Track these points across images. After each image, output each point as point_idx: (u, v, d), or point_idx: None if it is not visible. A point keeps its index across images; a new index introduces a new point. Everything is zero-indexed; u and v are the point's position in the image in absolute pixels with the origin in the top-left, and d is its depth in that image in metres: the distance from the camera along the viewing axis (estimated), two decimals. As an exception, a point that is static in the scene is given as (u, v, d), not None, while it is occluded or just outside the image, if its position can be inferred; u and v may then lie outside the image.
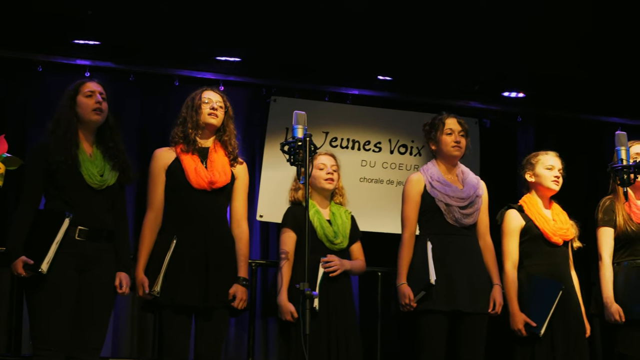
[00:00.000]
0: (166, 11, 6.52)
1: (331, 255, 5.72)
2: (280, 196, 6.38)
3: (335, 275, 5.70)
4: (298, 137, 4.95)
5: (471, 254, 5.76)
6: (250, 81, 7.80)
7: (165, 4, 6.41)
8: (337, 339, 5.65)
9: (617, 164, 5.22)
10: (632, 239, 6.00)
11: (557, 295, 5.75)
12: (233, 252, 5.48)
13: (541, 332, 5.72)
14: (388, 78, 7.93)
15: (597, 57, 7.45)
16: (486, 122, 8.26)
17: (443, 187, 5.76)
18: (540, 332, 5.72)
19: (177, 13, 6.57)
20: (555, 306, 5.75)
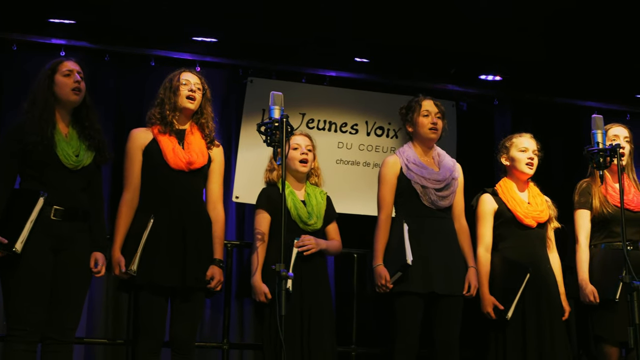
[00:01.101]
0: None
1: (306, 235, 5.72)
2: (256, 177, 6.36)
3: (309, 254, 5.69)
4: (275, 118, 4.94)
5: (446, 236, 5.78)
6: (226, 62, 7.75)
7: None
8: (311, 321, 5.65)
9: (594, 148, 5.25)
10: (608, 221, 6.03)
11: (524, 279, 5.76)
12: (210, 234, 5.48)
13: (508, 315, 5.74)
14: (365, 60, 7.91)
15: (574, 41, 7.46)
16: (463, 105, 8.25)
17: (419, 169, 5.76)
18: (508, 315, 5.74)
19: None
20: (522, 289, 5.77)
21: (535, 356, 5.71)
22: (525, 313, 5.78)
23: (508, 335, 5.77)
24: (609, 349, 5.90)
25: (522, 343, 5.75)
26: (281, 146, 4.90)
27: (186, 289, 5.30)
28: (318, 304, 5.71)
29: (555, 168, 8.15)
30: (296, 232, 5.70)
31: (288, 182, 5.84)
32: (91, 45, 7.35)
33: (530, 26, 7.18)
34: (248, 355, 7.38)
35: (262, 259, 5.66)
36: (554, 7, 6.81)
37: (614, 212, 5.99)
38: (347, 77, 8.04)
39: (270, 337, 5.51)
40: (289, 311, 5.06)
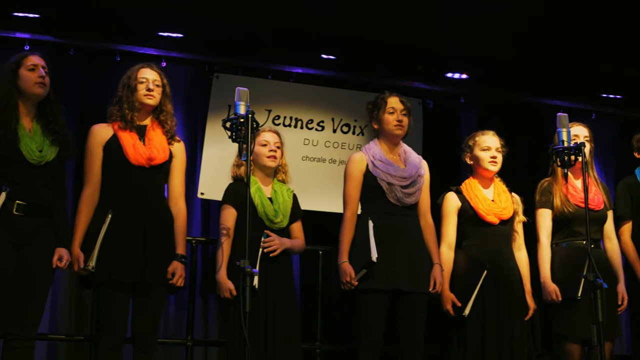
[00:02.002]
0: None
1: (271, 234, 5.70)
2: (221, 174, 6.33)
3: (275, 255, 5.68)
4: (240, 114, 4.90)
5: (412, 233, 5.77)
6: (192, 58, 7.72)
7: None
8: (276, 318, 5.63)
9: (558, 146, 5.27)
10: (569, 220, 6.06)
11: (482, 276, 5.78)
12: (171, 229, 5.45)
13: (465, 312, 5.75)
14: (332, 57, 7.90)
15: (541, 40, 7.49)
16: (429, 103, 8.26)
17: (385, 166, 5.76)
18: (465, 312, 5.75)
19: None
20: (482, 286, 5.78)
21: (494, 353, 5.73)
22: (485, 310, 5.79)
23: (468, 332, 5.78)
24: (570, 347, 5.92)
25: (482, 340, 5.76)
26: (247, 142, 4.87)
27: (147, 284, 5.27)
28: (283, 301, 5.68)
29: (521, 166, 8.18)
30: (262, 229, 5.67)
31: (256, 179, 5.82)
32: (56, 40, 7.29)
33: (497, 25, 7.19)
34: (212, 352, 7.35)
35: (227, 255, 5.64)
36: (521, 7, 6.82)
37: (575, 211, 6.03)
38: (314, 74, 8.03)
39: (235, 334, 5.48)
40: (253, 308, 5.04)
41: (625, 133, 8.55)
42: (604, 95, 8.68)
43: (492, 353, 5.72)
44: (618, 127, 8.90)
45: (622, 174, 7.88)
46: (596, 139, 6.49)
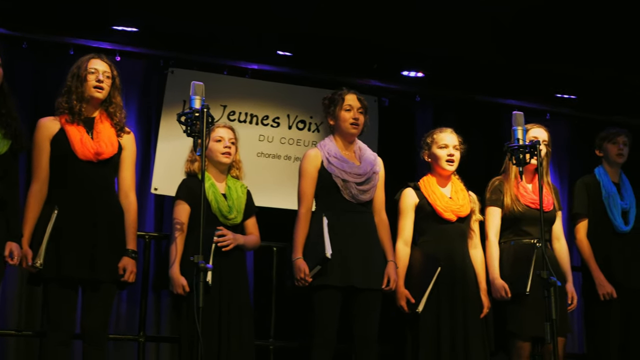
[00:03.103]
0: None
1: (224, 229, 5.66)
2: (175, 169, 6.30)
3: (228, 249, 5.64)
4: (195, 108, 4.88)
5: (366, 230, 5.77)
6: (147, 52, 7.63)
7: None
8: (229, 315, 5.61)
9: (514, 144, 5.29)
10: (518, 219, 6.11)
11: (436, 272, 5.78)
12: (122, 224, 5.41)
13: (419, 309, 5.76)
14: (288, 53, 7.87)
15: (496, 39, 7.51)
16: (385, 101, 8.26)
17: (340, 163, 5.75)
18: (419, 309, 5.76)
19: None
20: (436, 283, 5.79)
21: (447, 350, 5.74)
22: (440, 307, 5.81)
23: (422, 330, 5.80)
24: (520, 344, 5.97)
25: (436, 337, 5.77)
26: (201, 137, 4.84)
27: (96, 280, 5.22)
28: (237, 297, 5.68)
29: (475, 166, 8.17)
30: (216, 225, 5.65)
31: (209, 175, 5.79)
32: (8, 32, 7.18)
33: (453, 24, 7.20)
34: (165, 348, 7.28)
35: (180, 251, 5.61)
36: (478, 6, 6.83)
37: (524, 211, 6.08)
38: (270, 70, 7.98)
39: (188, 330, 5.46)
40: (207, 304, 5.04)
41: (579, 133, 8.64)
42: (559, 95, 8.73)
43: (446, 351, 5.74)
44: (572, 128, 8.95)
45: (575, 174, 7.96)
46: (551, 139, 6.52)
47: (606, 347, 6.49)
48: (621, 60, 7.80)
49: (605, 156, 6.85)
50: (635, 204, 6.74)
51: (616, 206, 6.65)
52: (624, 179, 6.84)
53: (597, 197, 6.69)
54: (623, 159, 6.80)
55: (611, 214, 6.64)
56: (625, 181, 6.83)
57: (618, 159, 6.78)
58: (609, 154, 6.81)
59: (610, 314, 6.49)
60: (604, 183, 6.72)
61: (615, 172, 6.82)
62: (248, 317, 5.74)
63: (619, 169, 6.85)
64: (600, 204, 6.68)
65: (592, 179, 6.79)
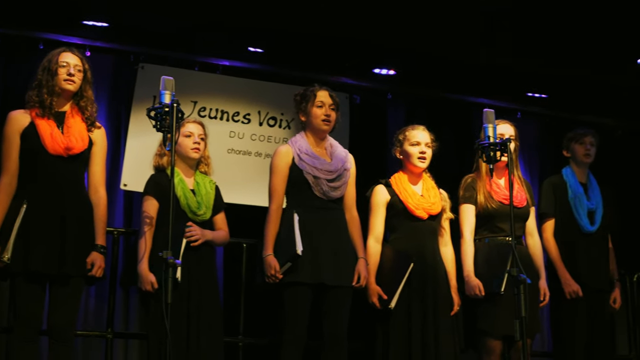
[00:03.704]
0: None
1: (192, 225, 5.64)
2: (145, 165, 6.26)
3: (196, 245, 5.62)
4: (165, 103, 4.84)
5: (337, 227, 5.75)
6: (117, 47, 7.60)
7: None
8: (199, 311, 5.59)
9: (484, 141, 5.28)
10: (492, 216, 6.10)
11: (407, 269, 5.78)
12: (91, 219, 5.36)
13: (391, 305, 5.75)
14: (259, 50, 7.85)
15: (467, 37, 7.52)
16: (356, 98, 8.26)
17: (311, 159, 5.72)
18: (391, 305, 5.75)
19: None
20: (407, 280, 5.78)
21: (418, 347, 5.73)
22: (411, 304, 5.79)
23: (392, 326, 5.78)
24: (491, 343, 5.96)
25: (407, 334, 5.76)
26: (171, 132, 4.81)
27: (64, 275, 5.17)
28: (206, 294, 5.65)
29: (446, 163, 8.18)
30: (185, 222, 5.63)
31: (178, 170, 5.75)
32: (-23, 27, 7.16)
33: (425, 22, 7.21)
34: (133, 344, 7.25)
35: (149, 247, 5.57)
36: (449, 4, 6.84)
37: (498, 207, 6.08)
38: (241, 67, 7.97)
39: (156, 326, 5.41)
40: (176, 301, 5.00)
41: (549, 132, 8.67)
42: (530, 94, 8.76)
43: (417, 348, 5.73)
44: (543, 126, 8.99)
45: (546, 172, 7.98)
46: (521, 138, 6.53)
47: (572, 346, 6.52)
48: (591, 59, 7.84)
49: (572, 157, 6.87)
50: (602, 204, 6.76)
51: (582, 206, 6.68)
52: (592, 179, 6.87)
53: (563, 197, 6.72)
54: (590, 159, 6.82)
55: (577, 214, 6.67)
56: (592, 181, 6.86)
57: (585, 159, 6.80)
58: (576, 155, 6.83)
59: (576, 313, 6.52)
60: (570, 183, 6.75)
61: (582, 173, 6.84)
62: (217, 314, 5.72)
63: (587, 169, 6.87)
64: (567, 204, 6.70)
65: (559, 179, 6.82)
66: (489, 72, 8.20)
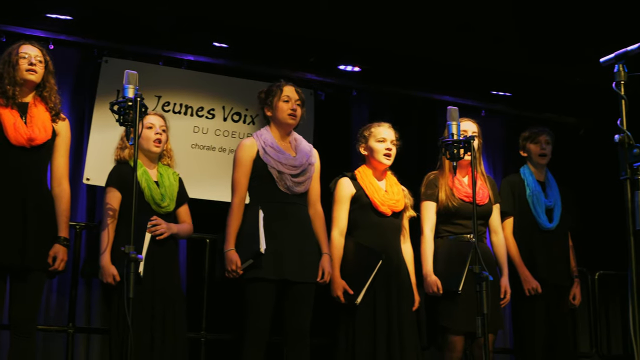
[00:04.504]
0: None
1: (157, 218, 5.62)
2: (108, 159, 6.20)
3: (162, 238, 5.60)
4: (128, 97, 4.83)
5: (301, 222, 5.74)
6: (81, 41, 7.53)
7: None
8: (163, 305, 5.57)
9: (448, 139, 5.30)
10: (453, 213, 6.12)
11: (376, 265, 5.78)
12: (53, 211, 5.32)
13: (357, 300, 5.75)
14: (224, 45, 7.83)
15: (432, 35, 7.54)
16: (321, 94, 8.25)
17: (276, 153, 5.71)
18: (357, 300, 5.75)
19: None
20: (374, 275, 5.78)
21: (383, 344, 5.73)
22: (376, 300, 5.79)
23: (357, 323, 5.78)
24: (453, 339, 5.98)
25: (372, 330, 5.76)
26: (134, 126, 4.79)
27: (25, 268, 5.13)
28: (170, 288, 5.65)
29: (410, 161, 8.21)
30: (149, 214, 5.63)
31: (141, 162, 5.74)
32: (-62, 19, 7.08)
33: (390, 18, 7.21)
34: (95, 339, 7.20)
35: (111, 239, 5.55)
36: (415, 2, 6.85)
37: (459, 204, 6.09)
38: (206, 62, 7.93)
39: (118, 321, 5.39)
40: (139, 295, 5.02)
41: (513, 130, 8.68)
42: (494, 92, 8.79)
43: (381, 344, 5.73)
44: (507, 124, 9.03)
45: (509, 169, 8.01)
46: (485, 136, 6.55)
47: (532, 342, 6.54)
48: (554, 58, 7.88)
49: (529, 156, 6.89)
50: (561, 202, 6.79)
51: (540, 204, 6.70)
52: (550, 178, 6.89)
53: (521, 196, 6.74)
54: (546, 160, 6.84)
55: (535, 212, 6.69)
56: (550, 179, 6.88)
57: (541, 160, 6.82)
58: (532, 154, 6.85)
59: (535, 309, 6.55)
60: (528, 182, 6.77)
61: (540, 172, 6.86)
62: (181, 308, 5.71)
63: (545, 168, 6.89)
64: (525, 202, 6.72)
65: (517, 177, 6.85)
66: (454, 70, 8.22)
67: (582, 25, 7.20)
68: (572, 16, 7.04)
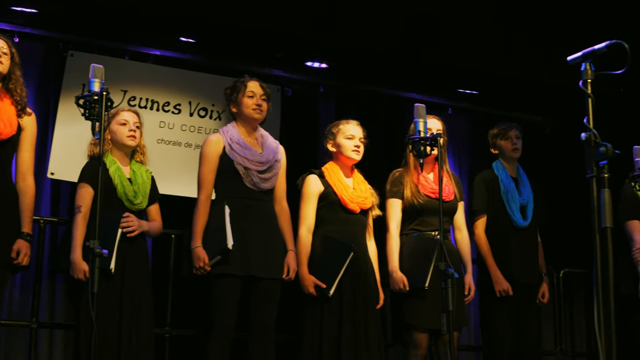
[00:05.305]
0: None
1: (129, 215, 5.60)
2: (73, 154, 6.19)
3: (133, 235, 5.58)
4: (94, 91, 4.78)
5: (267, 218, 5.73)
6: (47, 34, 7.47)
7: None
8: (132, 301, 5.56)
9: (415, 136, 5.29)
10: (419, 211, 6.11)
11: (348, 257, 5.77)
12: (17, 206, 5.27)
13: (330, 292, 5.74)
14: (191, 40, 7.79)
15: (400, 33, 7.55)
16: (288, 91, 8.24)
17: (242, 149, 5.69)
18: (330, 292, 5.74)
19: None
20: (345, 268, 5.78)
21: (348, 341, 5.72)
22: (343, 296, 5.78)
23: (325, 312, 5.77)
24: (418, 336, 5.97)
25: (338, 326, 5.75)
26: (100, 120, 4.75)
27: None
28: (139, 285, 5.64)
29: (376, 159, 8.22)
30: (121, 211, 5.62)
31: (114, 158, 5.73)
32: None
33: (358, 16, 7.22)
34: (58, 334, 7.16)
35: (82, 235, 5.51)
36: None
37: (425, 201, 6.09)
38: (172, 57, 7.89)
39: (86, 317, 5.34)
40: (108, 292, 5.08)
41: (479, 128, 8.72)
42: (460, 90, 8.81)
43: (346, 340, 5.72)
44: (473, 122, 9.06)
45: (475, 167, 8.04)
46: (452, 134, 6.55)
47: (499, 341, 6.54)
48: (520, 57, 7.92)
49: (500, 153, 6.87)
50: (533, 198, 6.79)
51: (514, 201, 6.68)
52: (522, 174, 6.88)
53: (495, 193, 6.71)
54: (518, 154, 6.82)
55: (510, 209, 6.66)
56: (523, 176, 6.87)
57: (514, 154, 6.80)
58: (504, 151, 6.83)
59: (504, 308, 6.54)
60: (502, 178, 6.74)
61: (512, 167, 6.85)
62: (149, 306, 5.70)
63: (516, 164, 6.89)
64: (499, 199, 6.71)
65: (490, 173, 6.80)
66: (421, 67, 8.24)
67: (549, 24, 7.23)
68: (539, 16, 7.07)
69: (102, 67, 4.84)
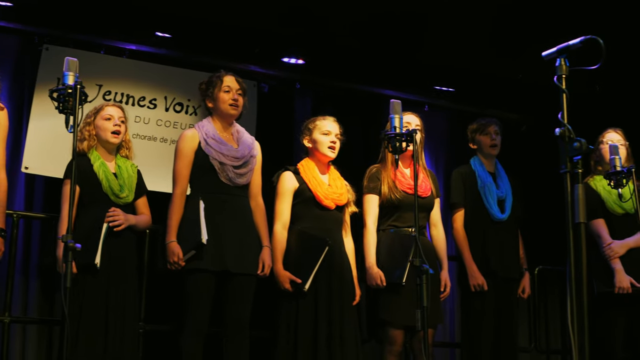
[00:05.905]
0: None
1: (115, 209, 5.58)
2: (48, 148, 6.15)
3: (119, 229, 5.58)
4: (68, 85, 4.74)
5: (242, 214, 5.72)
6: (21, 28, 7.42)
7: None
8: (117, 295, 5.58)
9: (391, 132, 5.28)
10: (396, 206, 6.11)
11: (323, 251, 5.77)
12: None
13: (306, 287, 5.73)
14: (167, 35, 7.76)
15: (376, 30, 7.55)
16: (264, 87, 8.22)
17: (218, 145, 5.68)
18: (305, 287, 5.73)
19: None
20: (320, 262, 5.77)
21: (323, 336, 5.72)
22: (318, 292, 5.78)
23: (301, 306, 5.76)
24: (393, 333, 5.97)
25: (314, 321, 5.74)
26: (74, 114, 4.72)
27: None
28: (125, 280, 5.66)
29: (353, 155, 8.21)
30: (107, 205, 5.63)
31: (98, 154, 5.75)
32: None
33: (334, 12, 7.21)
34: (31, 329, 7.11)
35: None
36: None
37: (402, 197, 6.09)
38: (148, 52, 7.86)
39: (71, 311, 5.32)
40: (95, 286, 5.15)
41: (456, 125, 8.74)
42: (437, 87, 8.82)
43: (322, 336, 5.71)
44: (449, 119, 9.07)
45: (452, 164, 8.04)
46: (428, 131, 6.55)
47: (479, 336, 6.53)
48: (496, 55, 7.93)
49: (479, 148, 6.86)
50: (512, 192, 6.79)
51: (492, 195, 6.67)
52: (500, 169, 6.87)
53: (473, 187, 6.70)
54: (497, 151, 6.80)
55: (487, 203, 6.65)
56: (500, 170, 6.86)
57: (492, 150, 6.79)
58: (482, 146, 6.82)
59: (484, 303, 6.53)
60: (479, 173, 6.72)
61: (490, 162, 6.84)
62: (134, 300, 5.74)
63: (494, 159, 6.88)
64: (477, 193, 6.69)
65: (467, 168, 6.79)
66: (397, 64, 8.24)
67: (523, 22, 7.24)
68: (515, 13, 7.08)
69: (76, 60, 4.81)
